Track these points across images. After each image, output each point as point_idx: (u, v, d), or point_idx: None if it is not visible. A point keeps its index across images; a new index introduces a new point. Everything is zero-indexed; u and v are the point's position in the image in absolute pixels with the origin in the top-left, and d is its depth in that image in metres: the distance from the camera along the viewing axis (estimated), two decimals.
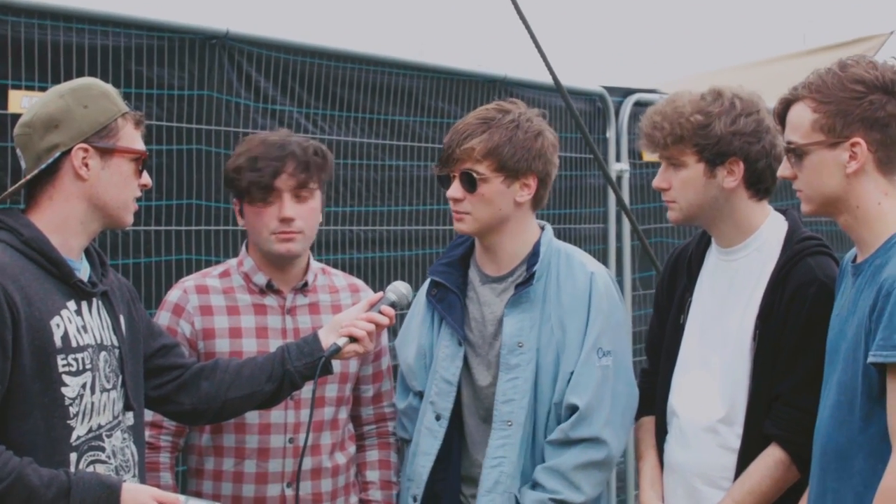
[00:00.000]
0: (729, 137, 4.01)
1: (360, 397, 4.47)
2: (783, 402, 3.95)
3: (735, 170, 4.04)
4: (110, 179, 3.54)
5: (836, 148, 3.56)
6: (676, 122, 4.01)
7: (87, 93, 3.56)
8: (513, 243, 4.24)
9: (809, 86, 3.59)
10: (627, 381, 4.22)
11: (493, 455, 4.15)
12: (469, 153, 4.12)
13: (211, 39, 5.58)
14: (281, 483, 4.22)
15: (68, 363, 3.42)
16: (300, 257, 4.31)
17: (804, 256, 4.00)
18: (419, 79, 6.65)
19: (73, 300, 3.49)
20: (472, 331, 4.27)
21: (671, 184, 4.08)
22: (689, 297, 4.23)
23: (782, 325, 3.97)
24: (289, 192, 4.18)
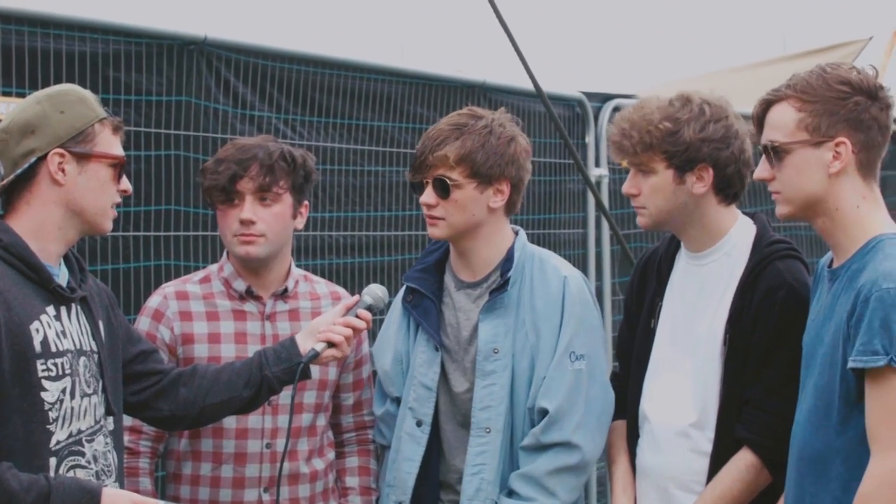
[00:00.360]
0: (698, 144, 4.01)
1: (341, 405, 4.46)
2: (754, 406, 3.96)
3: (704, 176, 4.05)
4: (87, 185, 3.54)
5: (819, 147, 3.56)
6: (645, 130, 4.00)
7: (64, 98, 3.56)
8: (487, 249, 4.25)
9: (794, 86, 3.60)
10: (602, 385, 4.22)
11: (473, 462, 4.15)
12: (442, 160, 4.12)
13: (189, 45, 5.58)
14: (258, 488, 4.21)
15: (48, 368, 3.41)
16: (277, 262, 4.30)
17: (773, 260, 4.01)
18: (398, 84, 6.65)
19: (52, 305, 3.49)
20: (448, 336, 4.27)
21: (640, 190, 4.08)
22: (660, 301, 4.24)
23: (752, 328, 3.98)
24: (251, 195, 4.18)
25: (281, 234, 4.25)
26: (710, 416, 4.04)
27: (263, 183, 4.18)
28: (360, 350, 4.45)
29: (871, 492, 3.33)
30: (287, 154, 4.23)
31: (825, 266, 3.69)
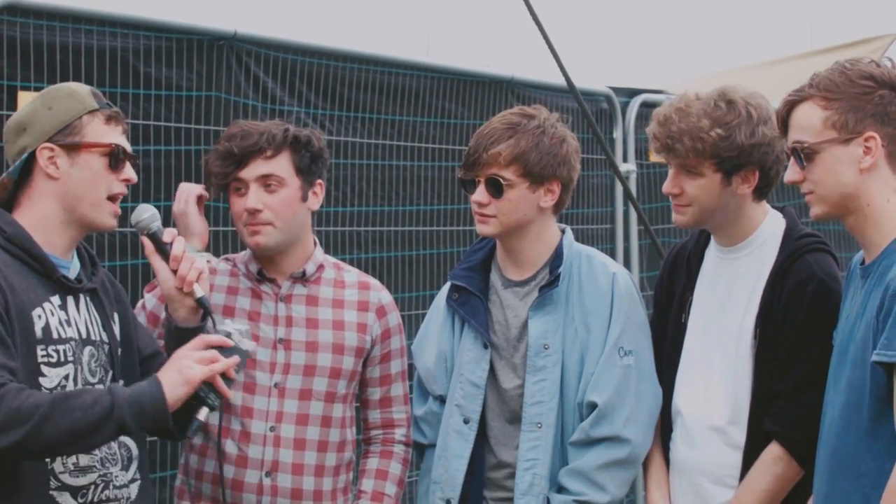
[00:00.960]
0: (749, 149, 4.02)
1: (368, 400, 4.42)
2: (783, 399, 3.97)
3: (751, 178, 4.06)
4: (80, 175, 3.58)
5: (849, 144, 3.55)
6: (697, 137, 3.99)
7: (54, 94, 3.64)
8: (535, 247, 4.27)
9: (817, 85, 3.59)
10: (651, 380, 4.23)
11: (526, 457, 4.17)
12: (496, 158, 4.13)
13: (219, 40, 5.60)
14: (260, 471, 4.16)
15: (48, 354, 3.46)
16: (293, 246, 4.25)
17: (802, 254, 4.02)
18: (426, 79, 6.66)
19: (56, 295, 3.54)
20: (497, 334, 4.28)
21: (683, 189, 4.08)
22: (690, 295, 4.24)
23: (781, 322, 3.99)
24: (255, 183, 4.14)
25: (291, 221, 4.19)
26: (743, 411, 4.05)
27: (266, 168, 4.14)
28: (388, 344, 4.39)
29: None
30: (290, 136, 4.18)
31: (857, 264, 3.68)
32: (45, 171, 3.56)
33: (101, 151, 3.60)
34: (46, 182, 3.57)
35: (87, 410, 3.32)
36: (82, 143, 3.58)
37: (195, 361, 3.50)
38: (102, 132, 3.61)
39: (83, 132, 3.58)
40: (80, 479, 3.52)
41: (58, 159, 3.56)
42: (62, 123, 3.57)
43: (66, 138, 3.57)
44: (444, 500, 4.24)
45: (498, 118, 4.25)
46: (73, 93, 3.63)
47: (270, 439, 4.17)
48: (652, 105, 8.04)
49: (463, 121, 6.81)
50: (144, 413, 3.40)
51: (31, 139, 3.57)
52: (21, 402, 3.26)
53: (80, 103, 3.60)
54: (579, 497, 4.11)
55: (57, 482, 3.48)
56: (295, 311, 4.24)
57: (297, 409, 4.18)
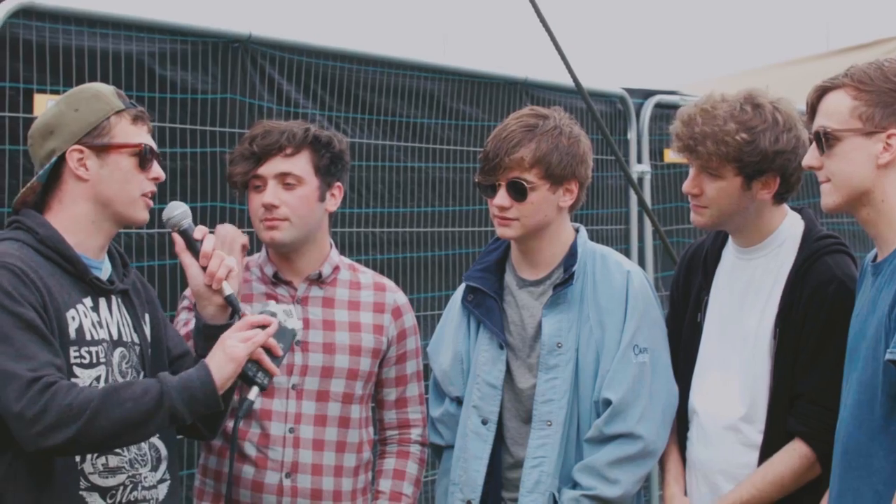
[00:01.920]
0: (772, 156, 4.02)
1: (383, 400, 4.45)
2: (807, 400, 3.98)
3: (771, 184, 4.07)
4: (111, 176, 3.61)
5: (871, 137, 3.57)
6: (722, 140, 3.99)
7: (79, 96, 3.66)
8: (551, 247, 4.29)
9: (851, 75, 3.61)
10: (666, 378, 4.24)
11: (533, 455, 4.19)
12: (518, 162, 4.15)
13: (234, 43, 5.62)
14: (280, 472, 4.20)
15: (80, 355, 3.50)
16: (309, 247, 4.28)
17: (822, 255, 4.03)
18: (441, 81, 6.68)
19: (89, 297, 3.57)
20: (512, 334, 4.30)
21: (703, 190, 4.09)
22: (706, 295, 4.25)
23: (802, 323, 4.00)
24: (273, 179, 4.18)
25: (307, 218, 4.23)
26: (760, 410, 4.06)
27: (285, 166, 4.18)
28: (404, 345, 4.43)
29: None
30: (312, 136, 4.22)
31: (869, 261, 3.69)
32: (74, 173, 3.59)
33: (130, 151, 3.63)
34: (76, 184, 3.60)
35: (138, 401, 3.37)
36: (111, 143, 3.60)
37: (240, 340, 3.53)
38: (130, 132, 3.64)
39: (112, 133, 3.61)
40: (110, 479, 3.55)
41: (87, 161, 3.59)
42: (90, 125, 3.60)
43: (95, 140, 3.59)
44: (464, 502, 4.26)
45: (513, 120, 4.25)
46: (98, 94, 3.65)
47: (290, 441, 4.20)
48: (666, 106, 8.06)
49: (477, 122, 6.82)
50: (195, 398, 3.44)
51: (60, 142, 3.60)
52: (72, 398, 3.30)
53: (106, 104, 3.63)
54: (589, 491, 4.14)
55: (86, 482, 3.52)
56: (311, 314, 4.27)
57: (316, 411, 4.22)
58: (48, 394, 3.29)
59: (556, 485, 4.17)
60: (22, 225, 3.58)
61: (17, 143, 4.82)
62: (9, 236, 3.56)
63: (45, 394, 3.29)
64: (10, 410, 3.30)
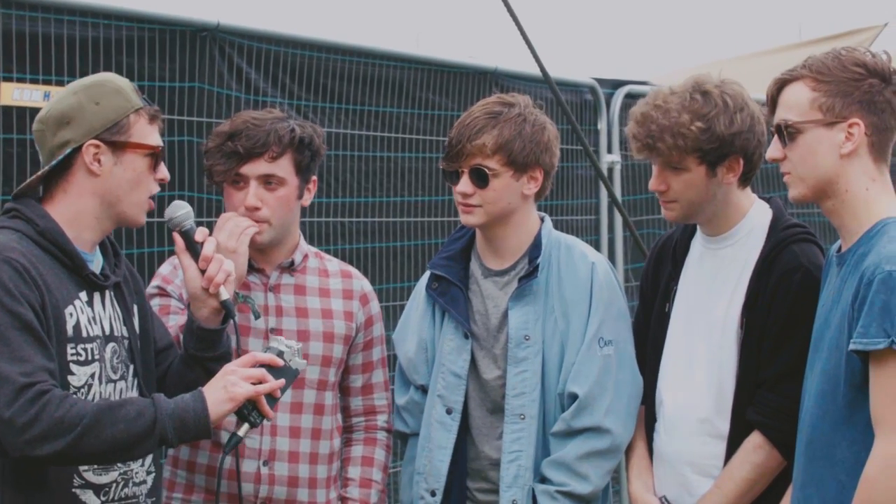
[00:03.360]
0: (730, 139, 4.01)
1: (349, 387, 4.44)
2: (766, 389, 3.98)
3: (735, 167, 4.06)
4: (123, 175, 3.57)
5: (832, 128, 3.57)
6: (678, 133, 3.98)
7: (101, 89, 3.59)
8: (516, 235, 4.27)
9: (809, 66, 3.61)
10: (631, 370, 4.23)
11: (510, 449, 4.18)
12: (480, 148, 4.13)
13: (201, 31, 5.60)
14: (257, 460, 4.18)
15: (77, 353, 3.47)
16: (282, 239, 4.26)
17: (789, 244, 4.02)
18: (410, 70, 6.67)
19: (84, 291, 3.54)
20: (477, 324, 4.28)
21: (669, 185, 4.08)
22: (675, 285, 4.25)
23: (767, 311, 3.99)
24: (256, 180, 4.15)
25: (286, 218, 4.22)
26: (727, 401, 4.05)
27: (269, 168, 4.16)
28: (371, 331, 4.43)
29: (876, 475, 3.34)
30: (296, 137, 4.19)
31: (834, 252, 3.70)
32: (87, 167, 3.53)
33: (146, 152, 3.59)
34: (86, 178, 3.54)
35: (130, 423, 3.34)
36: (129, 142, 3.56)
37: (242, 378, 3.49)
38: (147, 132, 3.60)
39: (130, 131, 3.56)
40: (103, 476, 3.54)
41: (102, 156, 3.54)
42: (110, 121, 3.54)
43: (114, 136, 3.54)
44: (428, 492, 4.25)
45: (478, 107, 4.24)
46: (120, 89, 3.59)
47: (267, 428, 4.18)
48: (637, 96, 8.04)
49: (446, 112, 6.82)
50: (186, 428, 3.41)
51: (77, 133, 3.52)
52: (65, 411, 3.27)
53: (127, 101, 3.58)
54: (562, 487, 4.13)
55: (80, 480, 3.50)
56: (284, 301, 4.26)
57: (292, 398, 4.20)
58: (40, 403, 3.26)
59: (533, 478, 4.16)
60: (21, 214, 3.52)
61: None
62: (7, 225, 3.50)
63: (37, 402, 3.25)
64: (0, 415, 3.27)
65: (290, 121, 4.24)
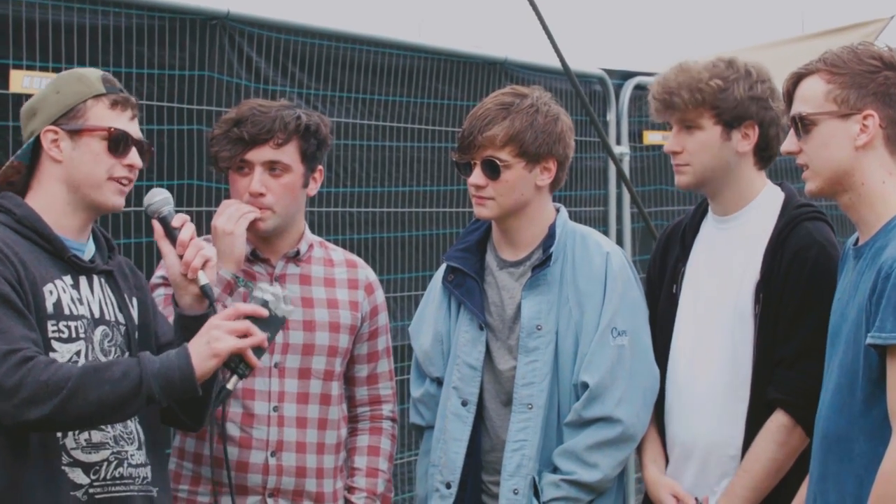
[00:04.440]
0: (747, 102, 4.07)
1: (354, 377, 4.42)
2: (785, 367, 3.99)
3: (750, 134, 4.10)
4: (81, 158, 3.58)
5: (847, 119, 3.55)
6: (696, 87, 4.04)
7: (65, 79, 3.66)
8: (530, 227, 4.25)
9: (825, 60, 3.60)
10: (646, 361, 4.20)
11: (514, 438, 4.15)
12: (491, 140, 4.11)
13: (211, 20, 5.59)
14: (265, 451, 4.17)
15: (59, 329, 3.47)
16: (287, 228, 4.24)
17: (801, 221, 4.05)
18: (418, 60, 6.66)
19: (68, 275, 3.55)
20: (492, 315, 4.26)
21: (684, 147, 4.12)
22: (683, 266, 4.25)
23: (783, 289, 4.00)
24: (261, 166, 4.14)
25: (290, 206, 4.20)
26: (743, 380, 4.06)
27: (274, 154, 4.14)
28: (376, 321, 4.41)
29: (892, 469, 3.31)
30: (301, 125, 4.17)
31: (851, 245, 3.68)
32: (49, 154, 3.58)
33: (102, 135, 3.59)
34: (52, 165, 3.59)
35: (116, 384, 3.34)
36: (84, 126, 3.58)
37: (226, 332, 3.47)
38: (105, 116, 3.60)
39: (86, 116, 3.58)
40: (93, 455, 3.52)
41: (61, 142, 3.57)
42: (67, 107, 3.58)
43: (70, 122, 3.58)
44: (444, 484, 4.23)
45: (490, 99, 4.22)
46: (81, 77, 3.63)
47: (274, 419, 4.18)
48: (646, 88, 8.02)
49: (456, 102, 6.81)
50: (173, 386, 3.40)
51: (38, 123, 3.59)
52: (50, 375, 3.29)
53: (86, 87, 3.60)
54: (568, 476, 4.11)
55: (69, 458, 3.48)
56: (290, 291, 4.21)
57: (298, 388, 4.19)
58: (25, 368, 3.28)
59: (536, 468, 4.13)
60: (0, 207, 3.57)
61: None
62: None
63: (21, 367, 3.28)
64: None
65: (297, 109, 4.22)
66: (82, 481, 3.49)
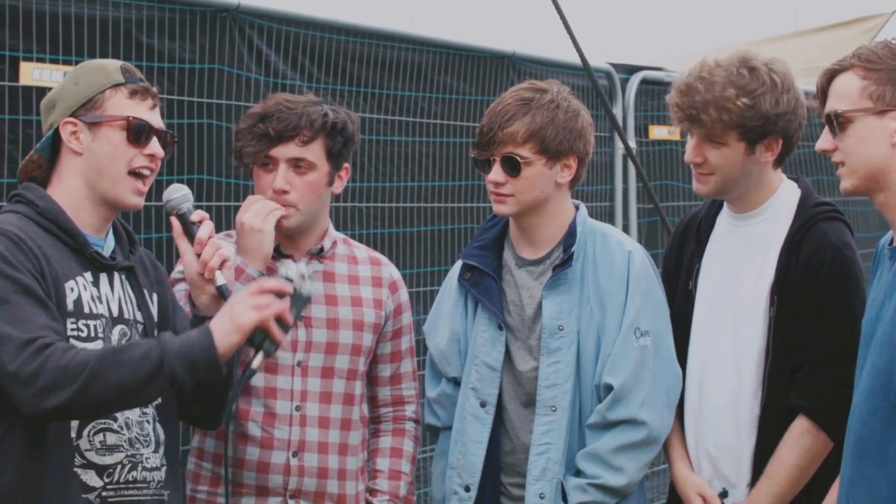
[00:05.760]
0: (773, 118, 4.00)
1: (377, 377, 4.36)
2: (806, 372, 3.96)
3: (774, 146, 4.05)
4: (100, 150, 3.53)
5: (883, 116, 3.50)
6: (724, 107, 3.97)
7: (83, 70, 3.61)
8: (550, 224, 4.19)
9: (859, 56, 3.55)
10: (669, 361, 4.16)
11: (539, 441, 4.09)
12: (512, 136, 4.05)
13: (222, 12, 5.55)
14: (287, 451, 4.11)
15: (78, 328, 3.42)
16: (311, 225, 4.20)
17: (818, 221, 4.02)
18: (428, 54, 6.63)
19: (89, 272, 3.49)
20: (511, 315, 4.20)
21: (707, 158, 4.06)
22: (698, 263, 4.22)
23: (798, 291, 3.97)
24: (285, 163, 4.09)
25: (314, 203, 4.15)
26: (756, 382, 4.03)
27: (299, 152, 4.09)
28: (400, 319, 4.35)
29: None
30: (328, 122, 4.12)
31: (885, 245, 3.63)
32: (69, 147, 3.52)
33: (120, 125, 3.53)
34: (72, 158, 3.53)
35: (136, 365, 3.26)
36: (102, 118, 3.52)
37: (249, 307, 3.37)
38: (124, 106, 3.54)
39: (104, 106, 3.52)
40: (107, 457, 3.46)
41: (80, 134, 3.52)
42: (85, 98, 3.52)
43: (88, 113, 3.52)
44: (462, 486, 4.17)
45: (510, 94, 4.16)
46: (100, 67, 3.58)
47: (297, 419, 4.13)
48: (652, 82, 8.01)
49: (464, 96, 6.77)
50: (196, 365, 3.31)
51: (57, 115, 3.54)
52: (68, 360, 3.22)
53: (104, 77, 3.54)
54: (595, 480, 4.05)
55: (82, 459, 3.42)
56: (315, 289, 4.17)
57: (321, 388, 4.14)
58: (43, 355, 3.22)
59: (563, 472, 4.08)
60: (23, 198, 3.51)
61: (3, 113, 4.75)
62: (9, 209, 3.50)
63: (40, 354, 3.22)
64: (5, 370, 3.23)
65: (324, 105, 4.17)
66: (95, 484, 3.44)
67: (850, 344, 3.71)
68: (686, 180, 8.39)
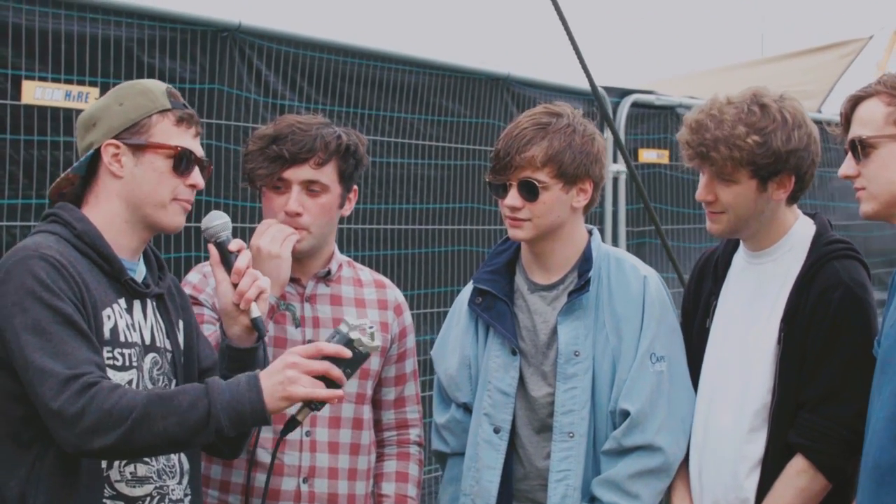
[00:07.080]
0: (785, 156, 3.95)
1: (381, 400, 4.33)
2: (808, 411, 3.91)
3: (786, 183, 4.00)
4: (144, 176, 3.44)
5: None
6: (734, 145, 3.92)
7: (128, 91, 3.51)
8: (564, 249, 4.16)
9: (884, 82, 3.56)
10: (684, 387, 4.13)
11: (558, 468, 4.06)
12: (530, 161, 4.02)
13: (222, 32, 5.53)
14: (297, 478, 4.07)
15: (114, 357, 3.36)
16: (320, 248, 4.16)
17: (830, 259, 3.97)
18: (424, 75, 6.63)
19: (123, 298, 3.43)
20: (524, 340, 4.17)
21: (718, 197, 4.01)
22: (715, 300, 4.18)
23: (806, 329, 3.93)
24: (298, 185, 4.05)
25: (326, 226, 4.12)
26: (761, 419, 3.99)
27: (313, 174, 4.05)
28: (404, 343, 4.33)
29: None
30: (342, 145, 4.09)
31: None
32: (109, 169, 3.44)
33: (167, 153, 3.46)
34: (111, 180, 3.45)
35: (183, 416, 3.19)
36: (148, 143, 3.44)
37: (303, 372, 3.29)
38: (171, 133, 3.47)
39: (150, 132, 3.45)
40: (136, 489, 3.41)
41: (123, 157, 3.44)
42: (130, 121, 3.44)
43: (133, 136, 3.44)
44: None
45: (526, 118, 4.13)
46: (146, 90, 3.49)
47: (307, 444, 4.08)
48: (643, 105, 8.02)
49: (459, 118, 6.78)
50: (243, 420, 3.25)
51: (99, 135, 3.45)
52: (113, 403, 3.15)
53: (151, 102, 3.47)
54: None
55: (112, 490, 3.37)
56: (321, 312, 4.16)
57: (330, 412, 4.09)
58: (88, 394, 3.14)
59: (581, 498, 4.05)
60: (59, 219, 3.43)
61: (4, 132, 4.71)
62: (45, 229, 3.41)
63: (84, 394, 3.14)
64: (48, 407, 3.15)
65: (336, 127, 4.14)
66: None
67: (854, 384, 3.71)
68: (674, 203, 8.42)
